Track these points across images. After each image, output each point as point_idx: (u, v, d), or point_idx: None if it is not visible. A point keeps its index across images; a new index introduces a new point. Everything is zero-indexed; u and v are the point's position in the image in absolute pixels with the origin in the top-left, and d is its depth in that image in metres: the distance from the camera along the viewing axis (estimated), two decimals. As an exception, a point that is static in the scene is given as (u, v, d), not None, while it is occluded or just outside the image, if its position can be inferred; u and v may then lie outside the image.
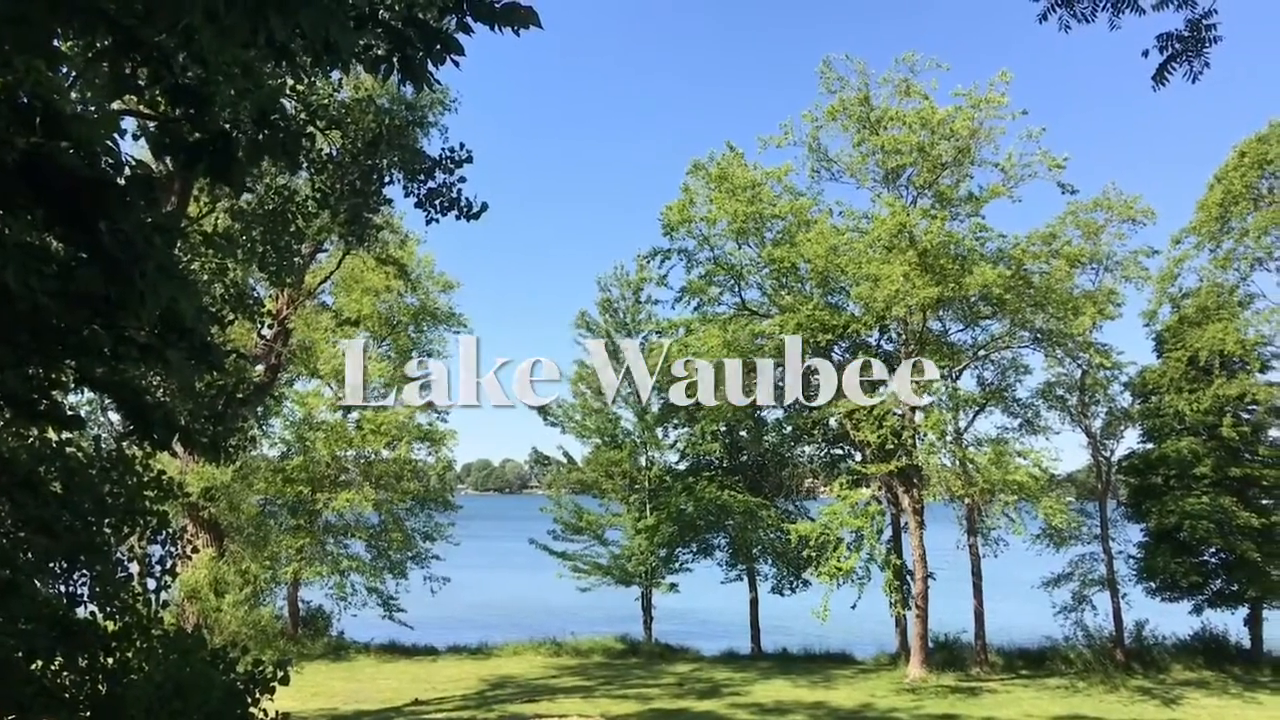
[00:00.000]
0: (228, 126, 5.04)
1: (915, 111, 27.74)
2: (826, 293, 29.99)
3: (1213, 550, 30.66)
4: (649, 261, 32.69)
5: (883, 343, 31.59)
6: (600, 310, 34.47)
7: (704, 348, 29.65)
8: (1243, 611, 30.95)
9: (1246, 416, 30.46)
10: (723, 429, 34.09)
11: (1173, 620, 31.46)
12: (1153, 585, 31.60)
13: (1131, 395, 32.64)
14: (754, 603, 33.99)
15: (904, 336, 29.70)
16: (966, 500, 28.92)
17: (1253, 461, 30.52)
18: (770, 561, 33.64)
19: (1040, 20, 8.65)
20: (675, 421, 34.62)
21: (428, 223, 12.59)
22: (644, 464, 34.50)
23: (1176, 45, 8.67)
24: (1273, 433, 31.21)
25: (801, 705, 24.04)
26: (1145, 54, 8.82)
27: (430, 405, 34.66)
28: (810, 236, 28.53)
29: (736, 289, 31.48)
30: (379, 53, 5.25)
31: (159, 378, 10.76)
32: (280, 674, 8.76)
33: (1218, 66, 8.77)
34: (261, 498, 32.21)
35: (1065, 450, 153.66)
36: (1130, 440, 34.19)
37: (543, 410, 34.15)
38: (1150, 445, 32.55)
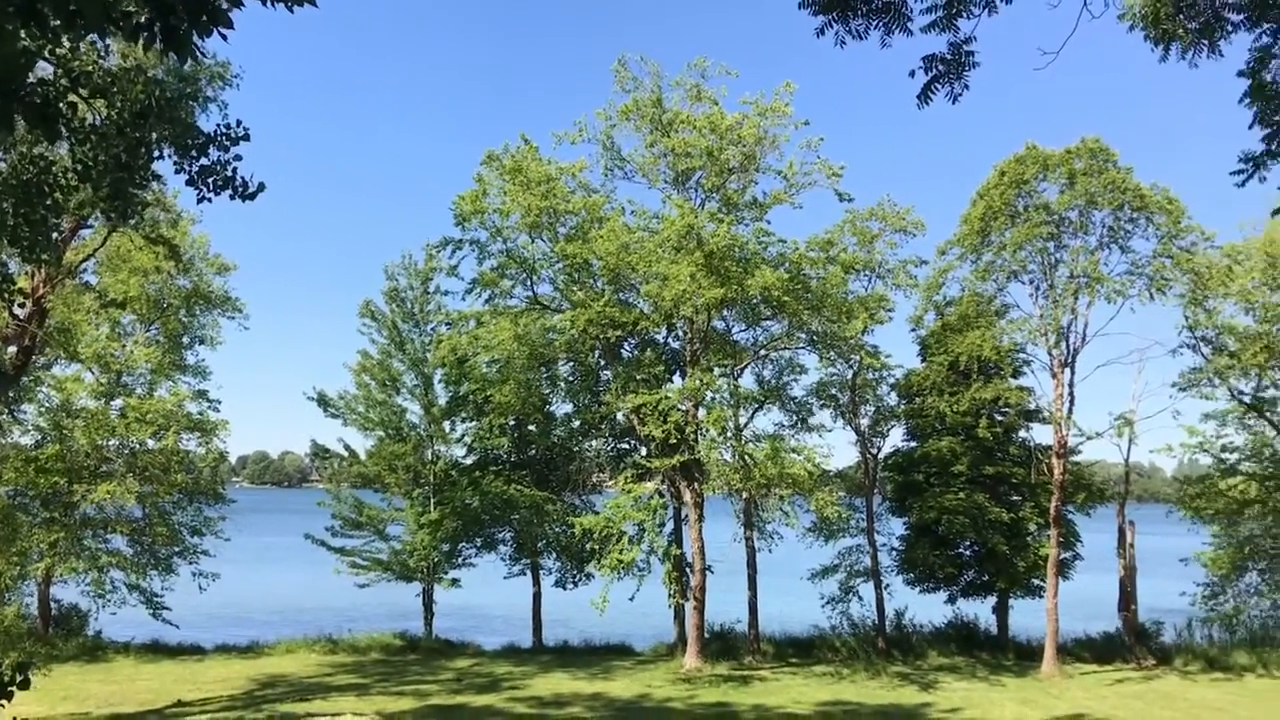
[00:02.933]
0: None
1: (705, 116, 28.45)
2: (617, 290, 30.34)
3: (967, 543, 32.80)
4: (439, 251, 32.18)
5: (670, 340, 32.29)
6: (387, 300, 33.66)
7: (494, 341, 29.50)
8: (991, 600, 33.27)
9: (1000, 418, 32.70)
10: (511, 423, 34.01)
11: (929, 609, 33.51)
12: (912, 576, 33.58)
13: (898, 396, 34.54)
14: (537, 597, 34.05)
15: (690, 335, 30.43)
16: (744, 494, 29.88)
17: (1004, 460, 32.82)
18: (555, 556, 33.81)
19: (818, 34, 9.05)
20: (463, 415, 34.28)
21: (199, 201, 11.91)
22: (430, 458, 33.99)
23: (940, 67, 9.24)
24: (1021, 434, 33.62)
25: (580, 697, 24.26)
26: (912, 74, 9.37)
27: (201, 394, 33.19)
28: (603, 234, 28.80)
29: (529, 283, 31.42)
30: (141, 20, 4.97)
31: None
32: (20, 678, 8.14)
33: (984, 89, 9.40)
34: (10, 489, 30.07)
35: (836, 447, 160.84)
36: (895, 439, 36.19)
37: (323, 401, 33.15)
38: (914, 444, 34.58)
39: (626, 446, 33.82)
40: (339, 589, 34.76)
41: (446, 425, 34.30)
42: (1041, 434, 33.98)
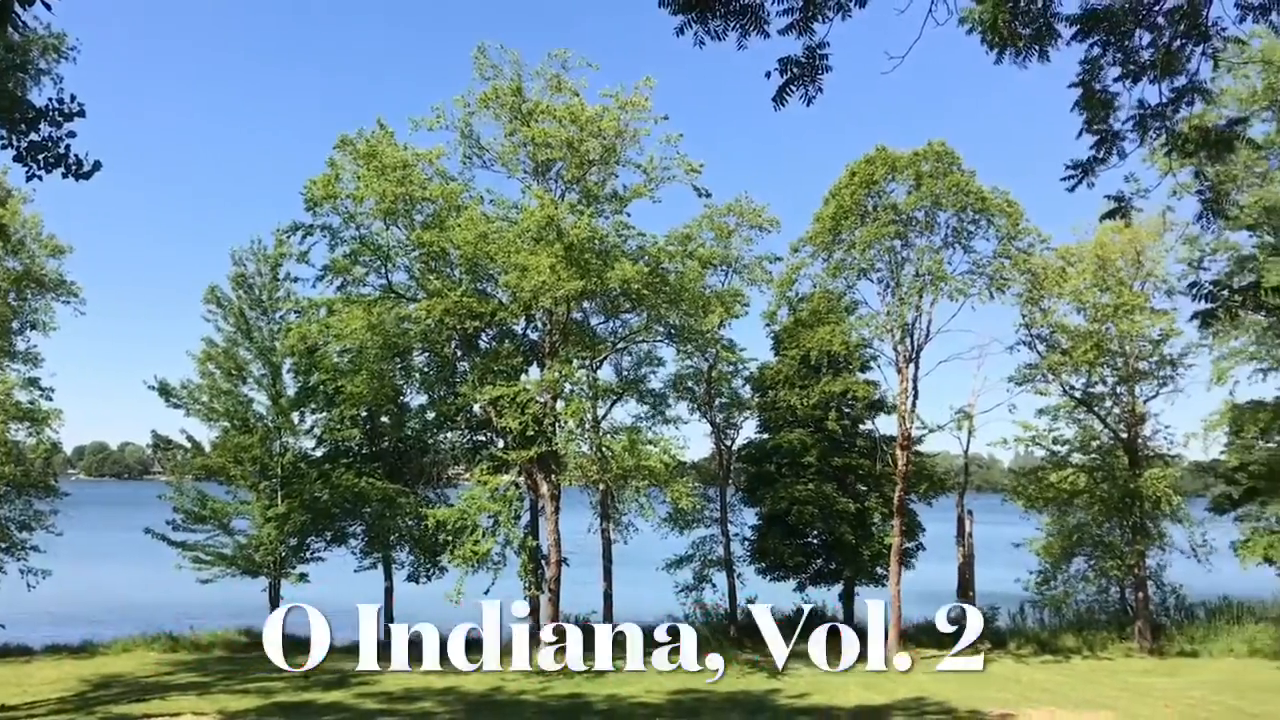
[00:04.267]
0: None
1: (565, 107, 28.40)
2: (475, 279, 30.01)
3: (815, 533, 33.67)
4: (289, 237, 31.14)
5: (529, 331, 32.13)
6: (233, 286, 32.35)
7: (347, 329, 28.80)
8: (838, 588, 34.23)
9: (848, 410, 33.67)
10: (363, 415, 33.28)
11: (779, 597, 34.19)
12: (763, 565, 34.29)
13: (751, 389, 35.21)
14: (389, 591, 33.42)
15: (549, 326, 30.36)
16: (601, 486, 30.00)
17: (851, 452, 33.81)
18: (407, 549, 33.24)
19: (678, 34, 9.13)
20: (313, 406, 33.31)
21: (29, 179, 11.34)
22: (277, 450, 32.89)
23: (795, 69, 9.43)
24: (868, 426, 34.67)
25: (431, 692, 23.95)
26: (768, 75, 9.54)
27: (33, 382, 31.50)
28: (461, 222, 28.45)
29: (383, 270, 30.78)
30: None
31: None
32: None
33: (836, 92, 9.63)
34: None
35: (692, 439, 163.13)
36: (749, 430, 36.89)
37: (165, 391, 31.79)
38: (766, 436, 35.31)
39: (483, 439, 33.45)
40: (180, 585, 33.42)
41: (295, 416, 33.22)
42: (886, 426, 35.14)
